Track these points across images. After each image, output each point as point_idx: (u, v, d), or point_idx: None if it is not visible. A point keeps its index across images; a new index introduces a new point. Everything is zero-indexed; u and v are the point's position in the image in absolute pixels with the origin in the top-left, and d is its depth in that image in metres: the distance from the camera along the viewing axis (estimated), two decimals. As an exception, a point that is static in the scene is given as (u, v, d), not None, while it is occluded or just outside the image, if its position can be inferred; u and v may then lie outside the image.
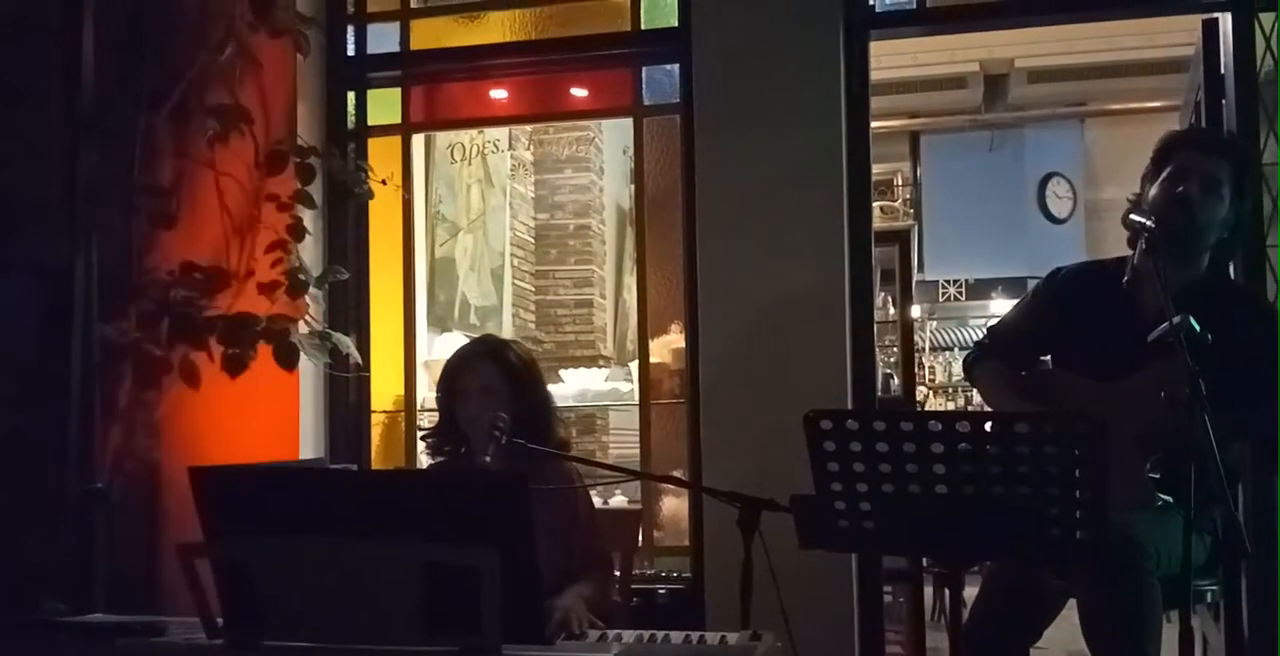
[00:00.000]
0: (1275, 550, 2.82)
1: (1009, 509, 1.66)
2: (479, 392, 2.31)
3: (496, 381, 2.31)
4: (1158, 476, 2.12)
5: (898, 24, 3.37)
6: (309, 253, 3.21)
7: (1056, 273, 2.49)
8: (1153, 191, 2.33)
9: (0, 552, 2.58)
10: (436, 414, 2.46)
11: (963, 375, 2.56)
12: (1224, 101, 3.08)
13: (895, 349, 5.17)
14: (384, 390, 3.71)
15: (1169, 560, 2.05)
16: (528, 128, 5.38)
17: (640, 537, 3.10)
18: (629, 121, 3.64)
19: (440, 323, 4.75)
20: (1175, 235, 2.21)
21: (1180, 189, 2.27)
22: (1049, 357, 2.50)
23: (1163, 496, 2.12)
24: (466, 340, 4.95)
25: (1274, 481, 2.85)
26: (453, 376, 2.37)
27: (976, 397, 6.64)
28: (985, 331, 2.64)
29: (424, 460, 3.77)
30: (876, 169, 3.49)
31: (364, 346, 3.45)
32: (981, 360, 2.50)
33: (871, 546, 2.40)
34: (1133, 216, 2.19)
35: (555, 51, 3.56)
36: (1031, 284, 2.58)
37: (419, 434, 2.51)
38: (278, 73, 3.12)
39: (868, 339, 3.16)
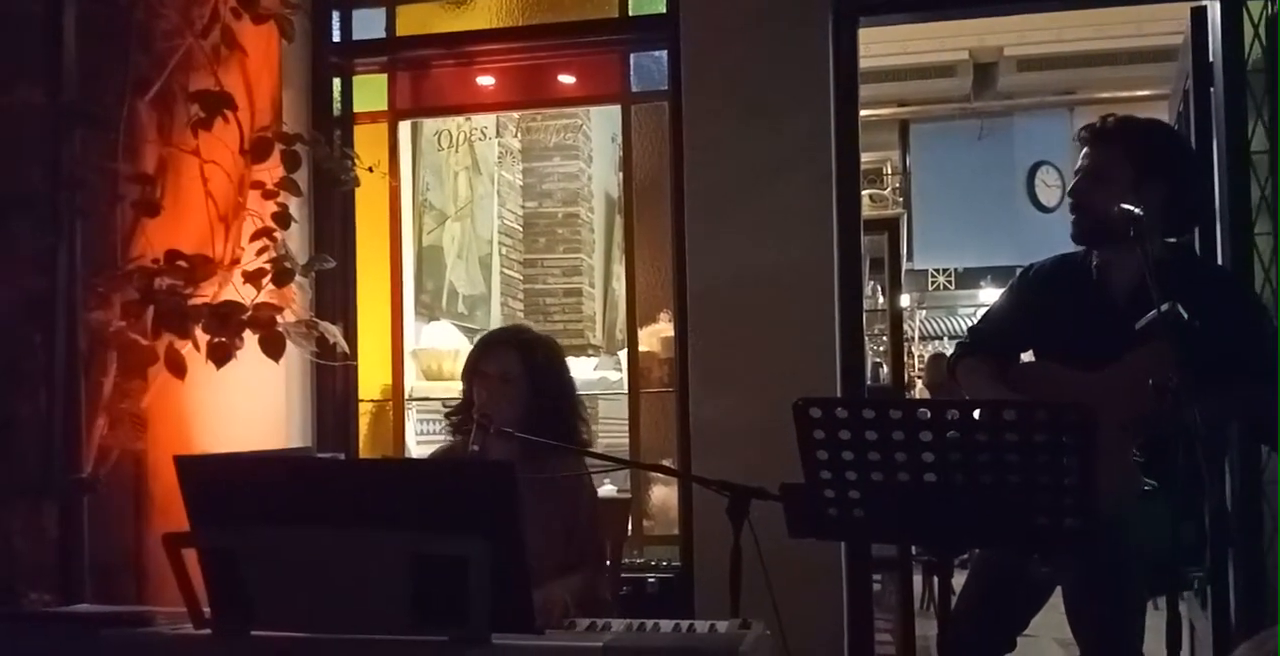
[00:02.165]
0: (1261, 537, 2.84)
1: (997, 497, 1.67)
2: (497, 378, 2.31)
3: (516, 371, 2.31)
4: (1143, 461, 2.13)
5: (887, 11, 3.35)
6: (295, 241, 3.19)
7: (1027, 270, 2.53)
8: None
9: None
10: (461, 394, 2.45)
11: (947, 374, 2.58)
12: (1212, 90, 3.09)
13: (885, 338, 5.17)
14: (371, 379, 3.69)
15: (1155, 546, 2.06)
16: (515, 115, 5.36)
17: (630, 526, 3.10)
18: (617, 109, 3.63)
19: (428, 311, 4.73)
20: (1081, 231, 2.35)
21: (1070, 188, 2.40)
22: (1029, 355, 2.52)
23: (1148, 481, 2.13)
24: (455, 329, 4.94)
25: (1264, 463, 2.87)
26: (476, 358, 2.39)
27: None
28: (967, 332, 2.66)
29: (414, 448, 3.79)
30: (865, 157, 3.49)
31: (351, 335, 3.43)
32: (963, 359, 2.52)
33: (861, 535, 2.39)
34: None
35: (542, 38, 3.54)
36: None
37: (445, 410, 2.51)
38: (262, 59, 3.09)
39: (857, 327, 3.16)
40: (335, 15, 3.58)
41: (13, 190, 2.67)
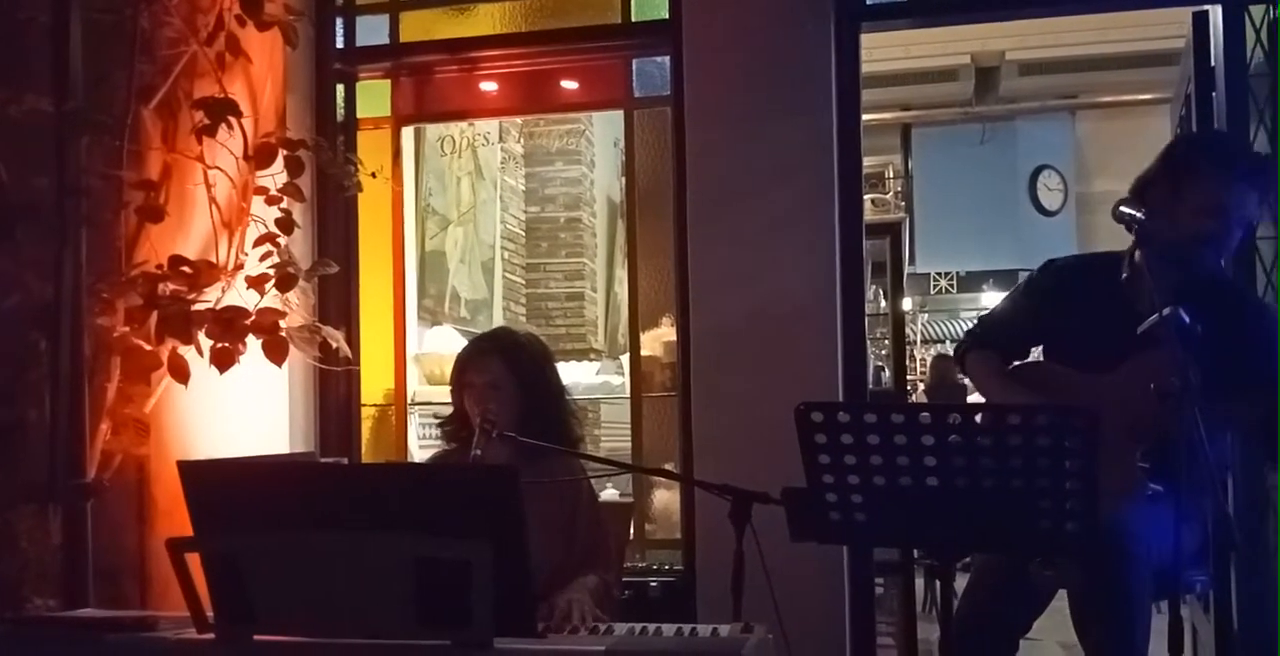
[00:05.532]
0: (1263, 542, 2.84)
1: (1000, 501, 1.67)
2: (486, 387, 2.31)
3: (504, 378, 2.31)
4: (1147, 465, 2.13)
5: (889, 16, 3.36)
6: (298, 246, 3.20)
7: (1051, 264, 2.49)
8: (1176, 218, 2.22)
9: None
10: (450, 403, 2.45)
11: (955, 363, 2.57)
12: (1214, 94, 3.09)
13: (886, 341, 5.17)
14: (374, 383, 3.70)
15: (1158, 550, 2.06)
16: (518, 120, 5.37)
17: (632, 530, 3.10)
18: (620, 114, 3.64)
19: (430, 316, 4.74)
20: (1193, 268, 2.22)
21: (1204, 227, 2.20)
22: (1040, 348, 2.51)
23: (1152, 486, 2.13)
24: (457, 333, 4.96)
25: (1265, 473, 2.87)
26: (461, 369, 2.38)
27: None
28: (977, 320, 2.64)
29: (416, 453, 3.80)
30: (867, 161, 3.49)
31: (354, 340, 3.44)
32: (973, 349, 2.51)
33: (863, 538, 2.41)
34: (1123, 209, 2.18)
35: (545, 44, 3.55)
36: (1023, 276, 2.59)
37: (436, 422, 2.50)
38: (266, 65, 3.10)
39: (859, 331, 3.17)
40: (339, 21, 3.60)
41: (20, 198, 2.67)
